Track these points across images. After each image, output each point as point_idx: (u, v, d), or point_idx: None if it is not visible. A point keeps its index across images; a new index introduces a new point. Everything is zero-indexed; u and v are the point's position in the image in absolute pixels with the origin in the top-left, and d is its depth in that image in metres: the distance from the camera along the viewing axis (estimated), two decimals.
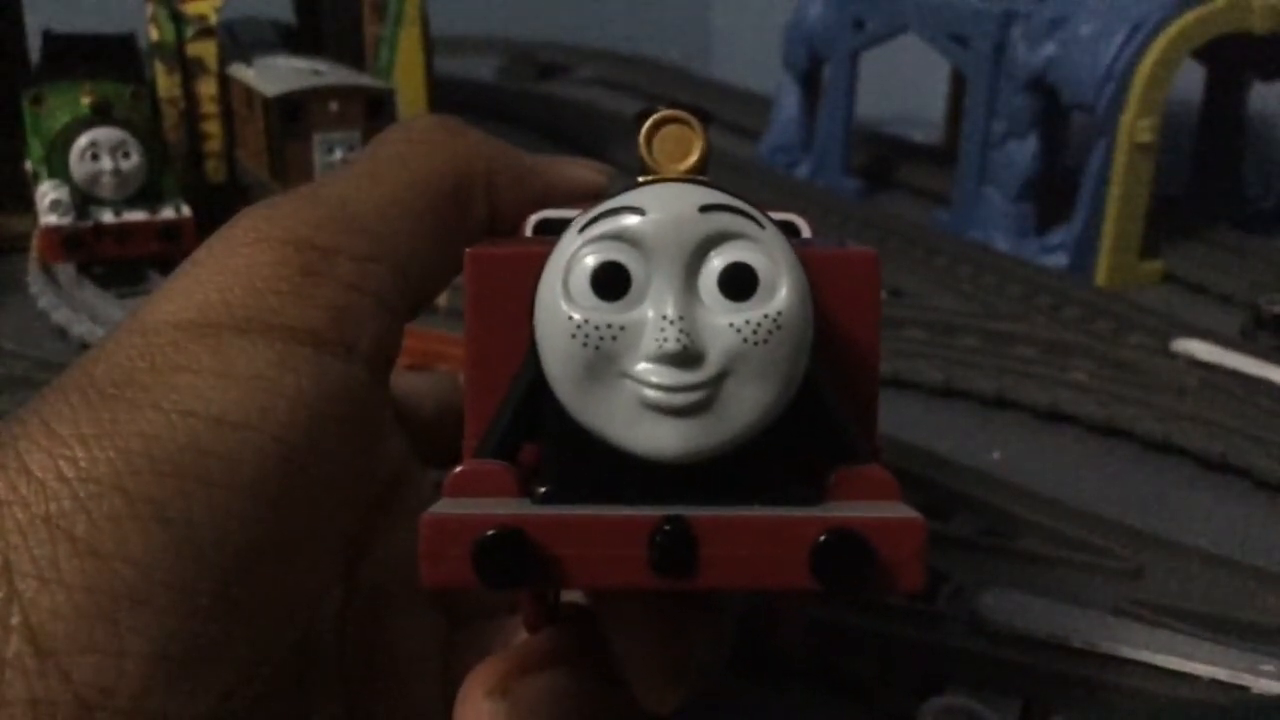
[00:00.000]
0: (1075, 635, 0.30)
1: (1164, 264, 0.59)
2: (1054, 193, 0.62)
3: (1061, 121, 0.64)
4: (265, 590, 0.17)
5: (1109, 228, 0.57)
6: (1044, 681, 0.29)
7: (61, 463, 0.16)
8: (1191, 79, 0.65)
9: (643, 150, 0.18)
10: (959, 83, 0.73)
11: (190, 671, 0.16)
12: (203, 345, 0.18)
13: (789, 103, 0.80)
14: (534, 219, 0.24)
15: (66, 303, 0.51)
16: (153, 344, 0.18)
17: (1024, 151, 0.61)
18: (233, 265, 0.19)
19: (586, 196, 0.26)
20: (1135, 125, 0.55)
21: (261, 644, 0.18)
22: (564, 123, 0.91)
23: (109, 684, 0.15)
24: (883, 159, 0.78)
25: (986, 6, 0.62)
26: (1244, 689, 0.28)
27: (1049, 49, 0.59)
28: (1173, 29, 0.55)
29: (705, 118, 0.18)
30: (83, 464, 0.16)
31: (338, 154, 0.57)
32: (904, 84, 0.80)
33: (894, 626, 0.30)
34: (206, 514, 0.16)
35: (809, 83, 0.79)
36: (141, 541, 0.16)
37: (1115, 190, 0.56)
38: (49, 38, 0.68)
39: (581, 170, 0.27)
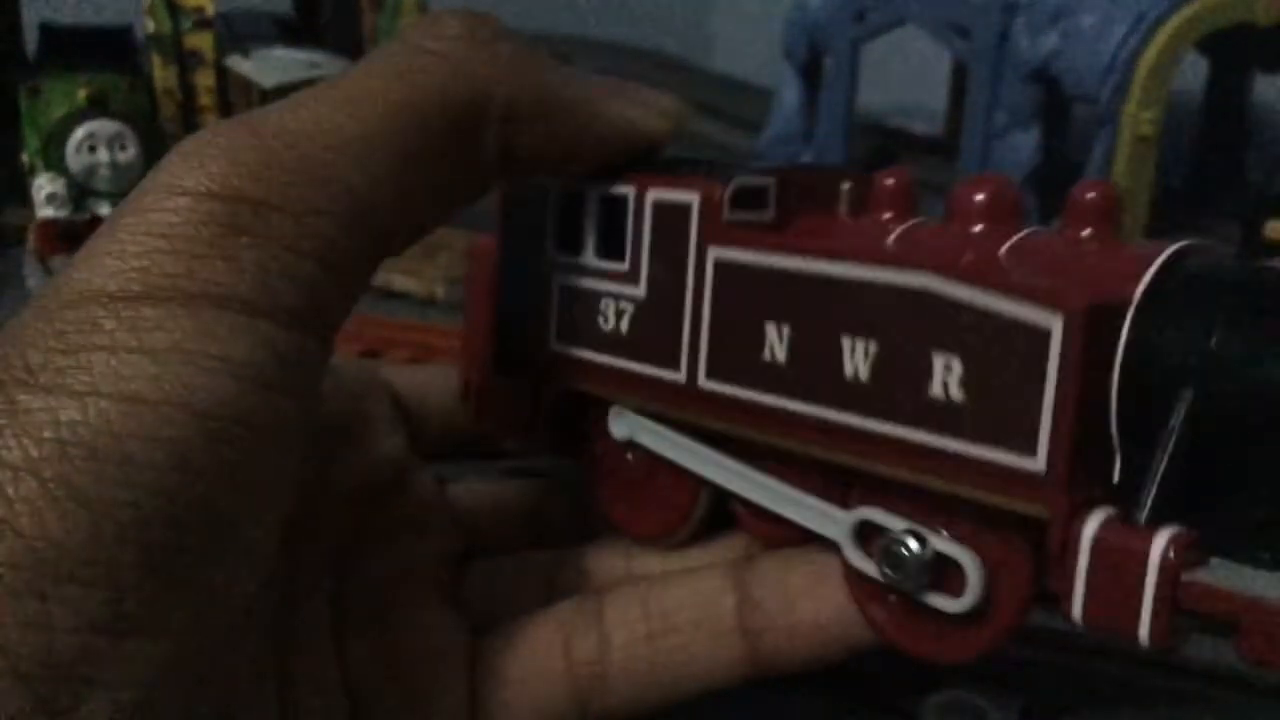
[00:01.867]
0: (1076, 630, 0.29)
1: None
2: (1056, 184, 0.61)
3: (1064, 113, 0.64)
4: (197, 565, 0.17)
5: None
6: (1045, 677, 0.29)
7: None
8: (1194, 71, 0.64)
9: None
10: (960, 74, 0.73)
11: (124, 644, 0.16)
12: (117, 320, 0.17)
13: (790, 94, 0.80)
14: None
15: None
16: (67, 321, 0.17)
17: (1026, 143, 0.61)
18: (153, 224, 0.18)
19: (638, 148, 0.24)
20: (1138, 116, 0.54)
21: (200, 620, 0.17)
22: None
23: (42, 656, 0.15)
24: (884, 150, 0.78)
25: None
26: (1246, 684, 0.28)
27: (1051, 40, 0.58)
28: (1176, 20, 0.54)
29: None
30: None
31: None
32: (905, 75, 0.80)
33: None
34: (126, 493, 0.16)
35: (810, 74, 0.78)
36: (59, 522, 0.15)
37: (1118, 181, 0.56)
38: (46, 30, 0.68)
39: (637, 112, 0.23)
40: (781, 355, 0.22)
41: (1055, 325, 0.17)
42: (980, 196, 0.21)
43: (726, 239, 0.22)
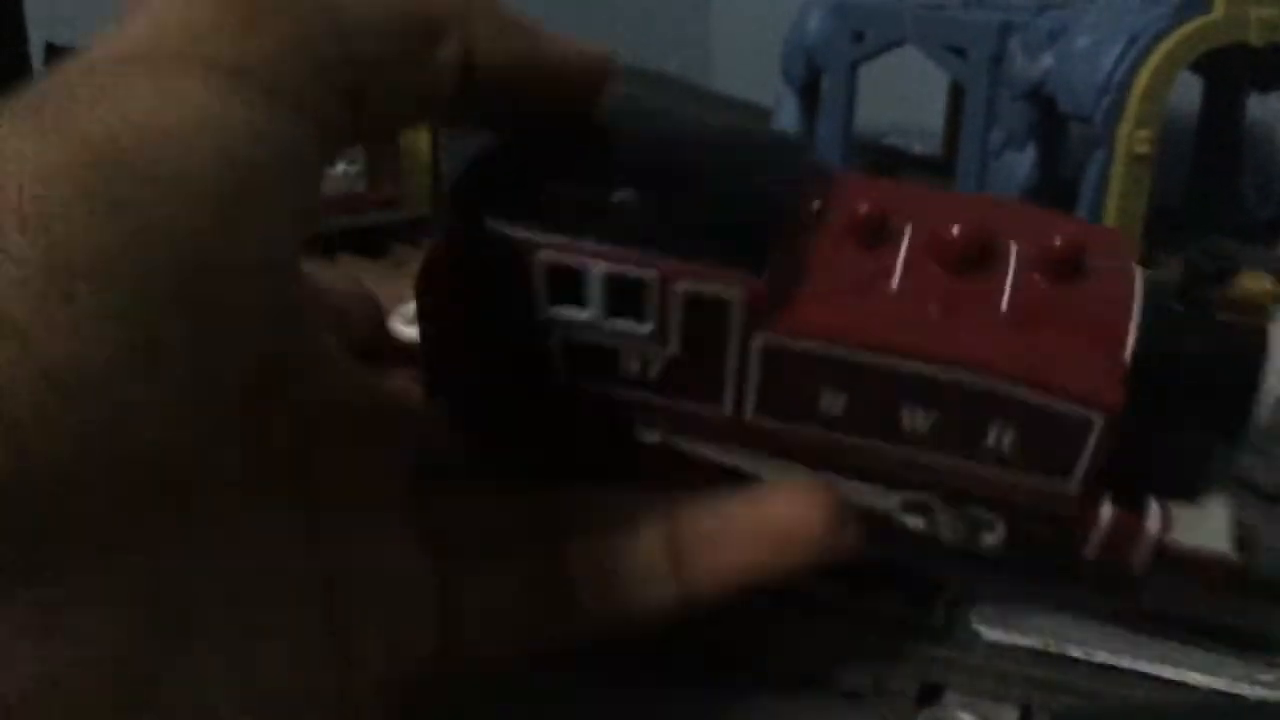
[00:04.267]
0: (1072, 645, 0.30)
1: (1161, 274, 0.59)
2: (1052, 203, 0.62)
3: (1059, 132, 0.65)
4: (223, 298, 0.17)
5: None
6: (1041, 691, 0.29)
7: (6, 151, 0.16)
8: (1189, 90, 0.65)
9: None
10: (957, 94, 0.73)
11: (155, 367, 0.16)
12: (143, 71, 0.18)
13: (788, 114, 0.80)
14: None
15: None
16: (95, 69, 0.18)
17: (1022, 162, 0.61)
18: (172, 10, 0.19)
19: (580, 89, 0.25)
20: (1133, 136, 0.55)
21: (223, 355, 0.17)
22: None
23: (71, 364, 0.15)
24: (881, 170, 0.79)
25: (984, 18, 0.63)
26: (1241, 698, 0.28)
27: (1047, 60, 0.59)
28: (1170, 41, 0.55)
29: None
30: (28, 155, 0.16)
31: (339, 167, 0.57)
32: (903, 95, 0.81)
33: (890, 636, 0.30)
34: (159, 210, 0.16)
35: (808, 94, 0.79)
36: (95, 226, 0.15)
37: (1113, 200, 0.56)
38: (51, 50, 0.69)
39: (575, 50, 0.25)
40: (839, 411, 0.24)
41: (1098, 419, 0.23)
42: (957, 233, 0.24)
43: (770, 327, 0.23)
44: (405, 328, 0.29)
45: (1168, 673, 0.29)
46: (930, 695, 0.29)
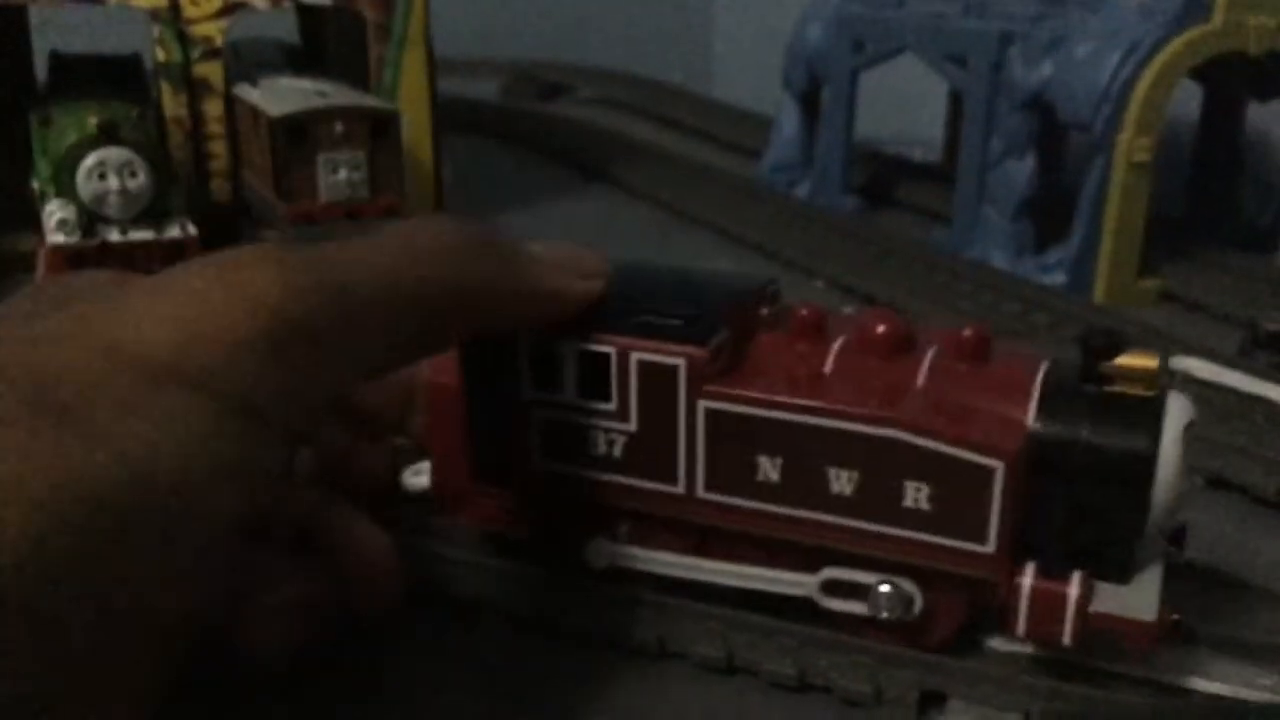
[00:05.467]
0: (1073, 652, 0.30)
1: (1162, 282, 0.60)
2: (1052, 211, 0.62)
3: (1059, 141, 0.65)
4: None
5: (1107, 246, 0.57)
6: (1044, 698, 0.29)
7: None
8: (1188, 98, 0.65)
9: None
10: (957, 103, 0.74)
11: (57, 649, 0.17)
12: (157, 395, 0.19)
13: (789, 122, 0.81)
14: None
15: None
16: (116, 373, 0.18)
17: (1022, 170, 0.61)
18: (214, 318, 0.20)
19: (569, 311, 0.28)
20: (1132, 144, 0.55)
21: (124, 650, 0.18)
22: (566, 142, 0.92)
23: None
24: (882, 178, 0.79)
25: (984, 27, 0.63)
26: (1241, 703, 0.28)
27: (1046, 69, 0.59)
28: (1169, 50, 0.55)
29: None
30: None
31: (342, 174, 0.58)
32: (903, 104, 0.81)
33: (894, 643, 0.30)
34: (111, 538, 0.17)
35: (809, 103, 0.79)
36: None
37: (1113, 209, 0.57)
38: (55, 58, 0.69)
39: (567, 280, 0.28)
40: (775, 477, 0.28)
41: (998, 466, 0.26)
42: (882, 329, 0.28)
43: (713, 394, 0.27)
44: (414, 479, 0.34)
45: (1169, 678, 0.29)
46: (931, 702, 0.29)
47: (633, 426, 0.28)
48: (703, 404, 0.27)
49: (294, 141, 0.57)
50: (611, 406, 0.28)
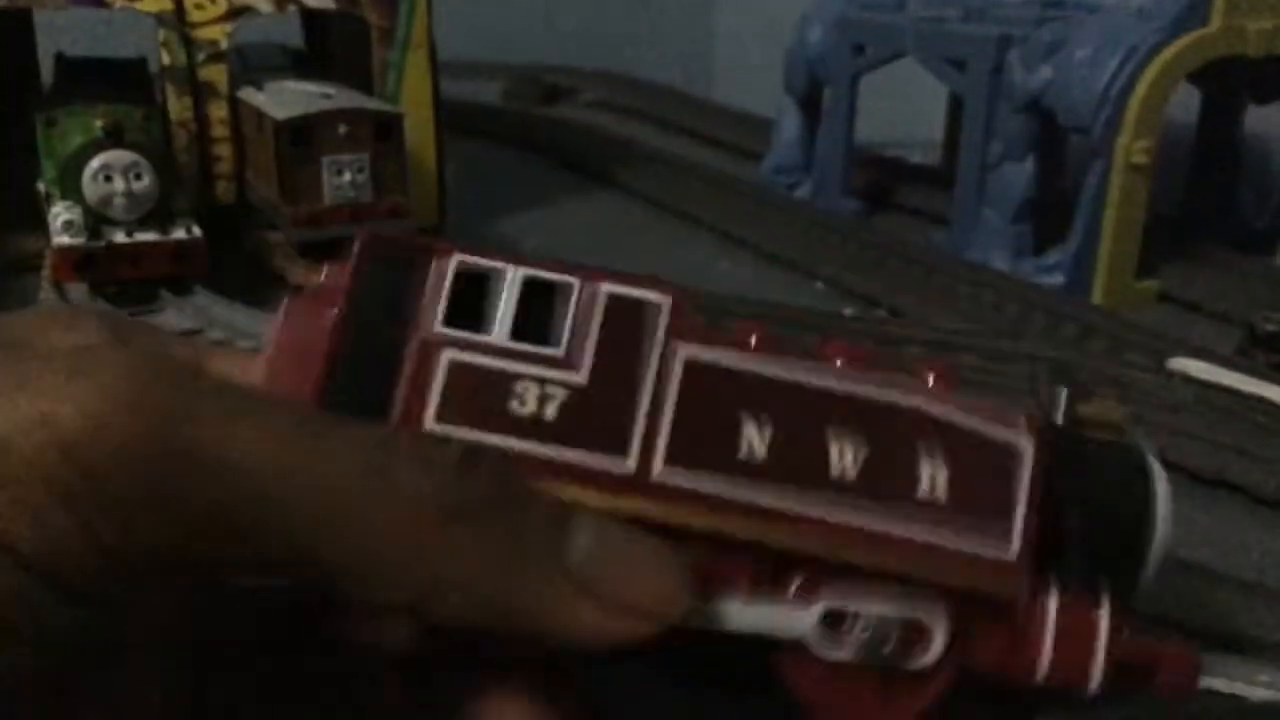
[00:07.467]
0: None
1: (1160, 283, 0.60)
2: (1051, 213, 0.62)
3: (1058, 144, 0.65)
4: None
5: (1105, 248, 0.58)
6: (1045, 694, 0.29)
7: None
8: (1187, 101, 0.66)
9: None
10: (957, 106, 0.74)
11: None
12: None
13: (790, 125, 0.81)
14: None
15: None
16: None
17: (1021, 173, 0.62)
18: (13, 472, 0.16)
19: None
20: (1131, 147, 0.56)
21: None
22: (567, 145, 0.92)
23: None
24: (882, 180, 0.79)
25: (984, 31, 0.63)
26: (1240, 699, 0.29)
27: (1045, 72, 0.60)
28: (1168, 53, 0.55)
29: None
30: None
31: (346, 176, 0.58)
32: (903, 107, 0.81)
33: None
34: None
35: (809, 106, 0.80)
36: None
37: (1111, 211, 0.57)
38: (61, 61, 0.69)
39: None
40: (760, 452, 0.22)
41: (1027, 445, 0.22)
42: (844, 358, 0.23)
43: (697, 338, 0.22)
44: None
45: None
46: None
47: (581, 378, 0.22)
48: (682, 351, 0.22)
49: (298, 144, 0.57)
50: (557, 352, 0.22)
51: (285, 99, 0.60)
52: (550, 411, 0.22)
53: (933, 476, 0.22)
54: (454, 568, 0.18)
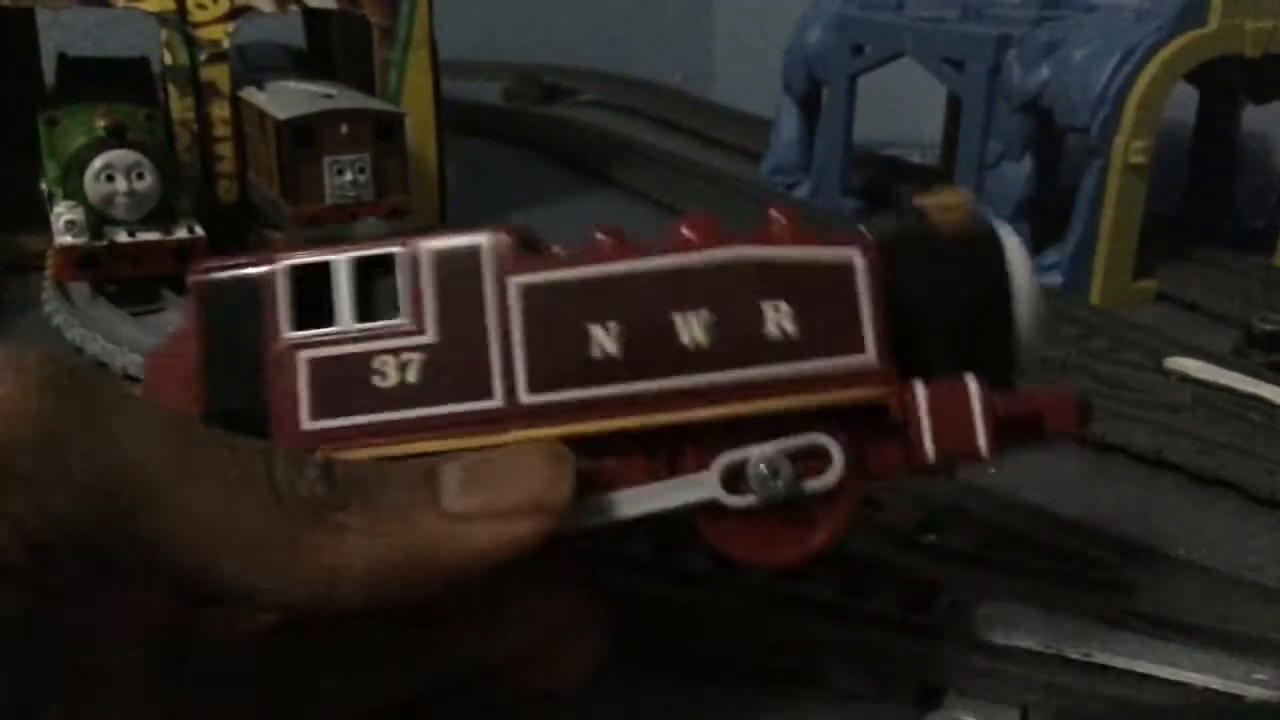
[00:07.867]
0: (1071, 647, 0.30)
1: (1157, 283, 0.60)
2: (1049, 213, 0.63)
3: (1056, 143, 0.65)
4: None
5: (1103, 247, 0.58)
6: (1041, 693, 0.29)
7: None
8: (1185, 101, 0.66)
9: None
10: (955, 106, 0.74)
11: None
12: None
13: (789, 125, 0.81)
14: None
15: (80, 321, 0.52)
16: None
17: (1019, 173, 0.62)
18: None
19: None
20: (1129, 147, 0.56)
21: None
22: (568, 144, 0.92)
23: None
24: (881, 180, 0.79)
25: (982, 30, 0.64)
26: (1238, 698, 0.29)
27: (1043, 72, 0.60)
28: (1166, 53, 0.56)
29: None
30: None
31: (348, 176, 0.58)
32: (902, 106, 0.82)
33: (891, 639, 0.30)
34: None
35: (808, 105, 0.80)
36: None
37: (1109, 211, 0.57)
38: (63, 60, 0.69)
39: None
40: (613, 348, 0.23)
41: (858, 259, 0.24)
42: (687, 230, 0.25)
43: (526, 266, 0.23)
44: None
45: (1166, 673, 0.29)
46: (931, 697, 0.29)
47: (431, 337, 0.23)
48: (515, 280, 0.23)
49: (300, 143, 0.57)
50: (402, 321, 0.24)
51: (287, 99, 0.60)
52: (412, 376, 0.23)
53: (777, 315, 0.23)
54: (341, 556, 0.20)
